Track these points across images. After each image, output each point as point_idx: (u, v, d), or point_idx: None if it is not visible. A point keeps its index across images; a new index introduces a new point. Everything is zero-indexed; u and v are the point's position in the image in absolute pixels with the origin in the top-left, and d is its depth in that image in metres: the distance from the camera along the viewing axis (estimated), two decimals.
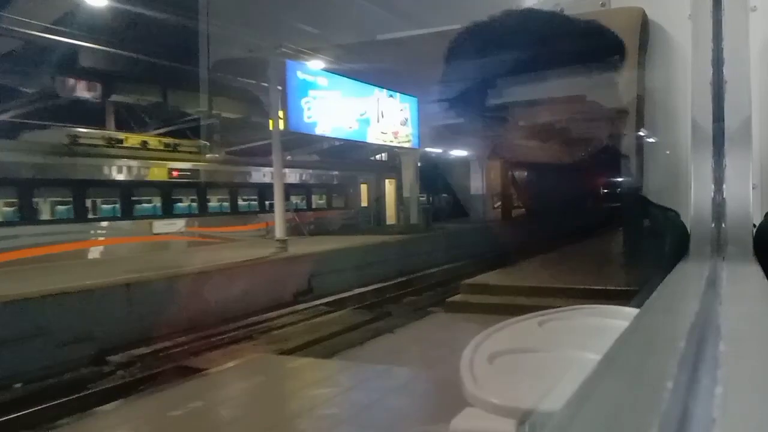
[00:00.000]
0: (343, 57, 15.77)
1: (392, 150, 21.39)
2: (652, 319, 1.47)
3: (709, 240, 2.40)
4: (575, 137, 19.34)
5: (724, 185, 2.45)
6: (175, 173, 15.95)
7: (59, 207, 13.63)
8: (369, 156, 24.08)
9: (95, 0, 12.53)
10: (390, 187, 23.63)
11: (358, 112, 17.20)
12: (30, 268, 11.18)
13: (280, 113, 13.73)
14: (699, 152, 2.60)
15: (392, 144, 19.24)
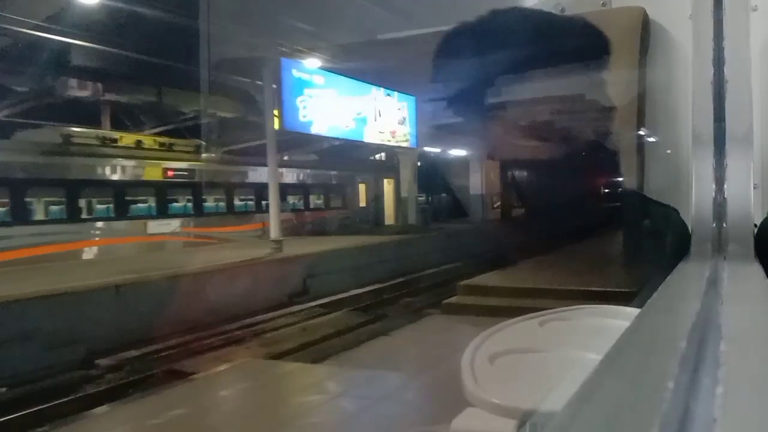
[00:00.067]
0: (340, 56, 15.74)
1: (391, 150, 21.34)
2: (653, 319, 1.47)
3: (710, 240, 2.41)
4: (561, 133, 19.41)
5: (725, 185, 2.46)
6: (170, 173, 15.88)
7: (52, 207, 13.56)
8: (369, 156, 24.02)
9: None
10: (388, 187, 23.60)
11: (355, 111, 17.06)
12: (21, 269, 11.09)
13: (275, 112, 13.67)
14: (700, 152, 2.60)
15: (390, 143, 19.16)
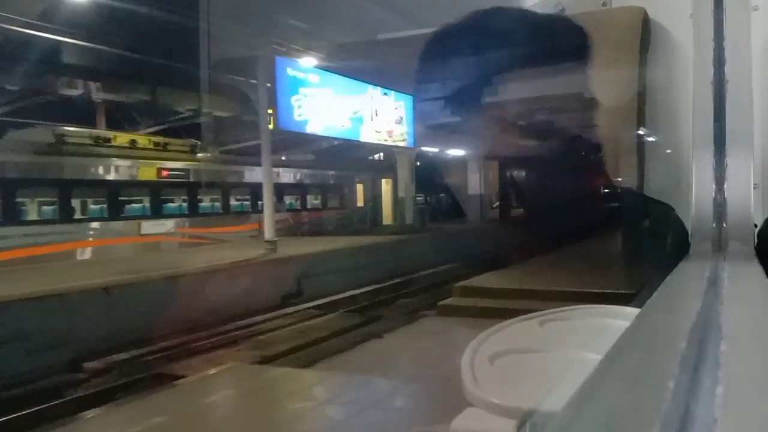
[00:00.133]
0: (336, 54, 15.67)
1: (388, 149, 21.30)
2: (653, 319, 1.46)
3: (711, 240, 2.41)
4: (560, 133, 19.49)
5: (725, 185, 2.46)
6: (165, 173, 15.80)
7: (45, 207, 13.49)
8: (367, 156, 23.98)
9: None
10: (386, 187, 23.56)
11: (351, 110, 16.94)
12: (10, 271, 10.99)
13: (270, 111, 13.59)
14: (700, 152, 2.60)
15: (387, 143, 19.07)
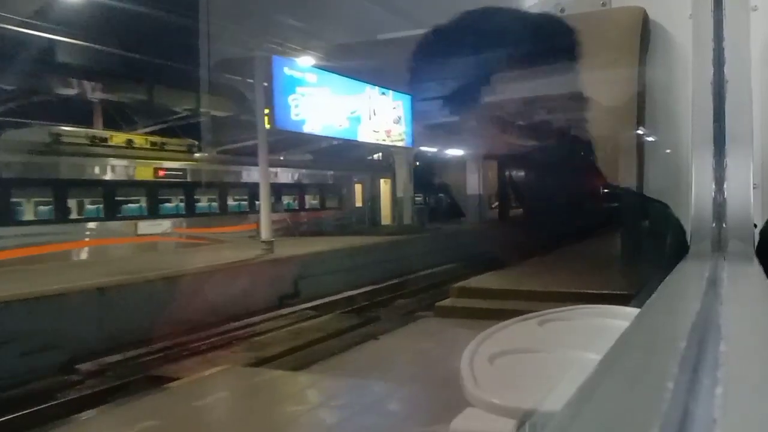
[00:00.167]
0: (334, 54, 15.65)
1: (387, 149, 21.26)
2: (653, 319, 1.46)
3: (710, 240, 2.41)
4: (559, 132, 19.53)
5: (725, 185, 2.47)
6: (162, 173, 15.76)
7: (41, 207, 13.44)
8: (366, 156, 23.95)
9: None
10: (385, 187, 23.51)
11: (349, 110, 16.88)
12: (3, 271, 10.90)
13: (266, 110, 13.56)
14: (699, 152, 2.61)
15: (385, 143, 19.03)
